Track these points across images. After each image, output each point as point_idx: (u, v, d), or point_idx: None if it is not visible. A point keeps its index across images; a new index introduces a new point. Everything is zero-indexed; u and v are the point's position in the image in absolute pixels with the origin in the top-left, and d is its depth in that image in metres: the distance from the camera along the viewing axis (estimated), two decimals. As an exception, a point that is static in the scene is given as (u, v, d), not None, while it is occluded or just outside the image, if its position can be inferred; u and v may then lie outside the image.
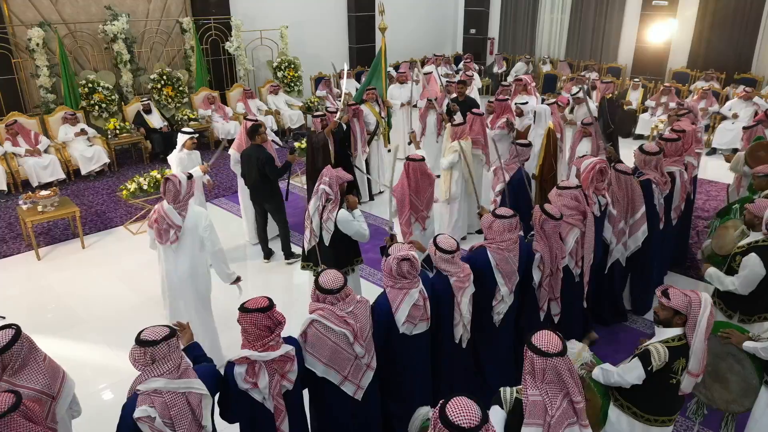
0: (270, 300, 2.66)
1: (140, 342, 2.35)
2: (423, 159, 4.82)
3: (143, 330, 2.40)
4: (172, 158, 5.72)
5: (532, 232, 3.85)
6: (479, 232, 3.81)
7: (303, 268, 4.52)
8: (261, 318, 2.59)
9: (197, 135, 5.68)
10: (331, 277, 2.89)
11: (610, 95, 9.10)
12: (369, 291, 5.38)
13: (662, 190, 4.74)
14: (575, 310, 4.26)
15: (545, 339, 2.34)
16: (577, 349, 3.32)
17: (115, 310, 5.22)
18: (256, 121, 6.14)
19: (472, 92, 9.60)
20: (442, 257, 3.28)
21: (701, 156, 5.96)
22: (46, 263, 6.15)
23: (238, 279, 4.17)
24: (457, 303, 3.31)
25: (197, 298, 4.23)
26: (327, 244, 4.16)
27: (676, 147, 5.13)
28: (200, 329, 4.25)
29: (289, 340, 2.78)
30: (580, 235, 4.00)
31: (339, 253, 4.22)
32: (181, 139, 5.69)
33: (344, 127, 6.91)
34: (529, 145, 5.48)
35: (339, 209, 4.11)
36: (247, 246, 6.58)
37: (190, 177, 4.08)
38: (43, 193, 6.26)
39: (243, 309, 2.61)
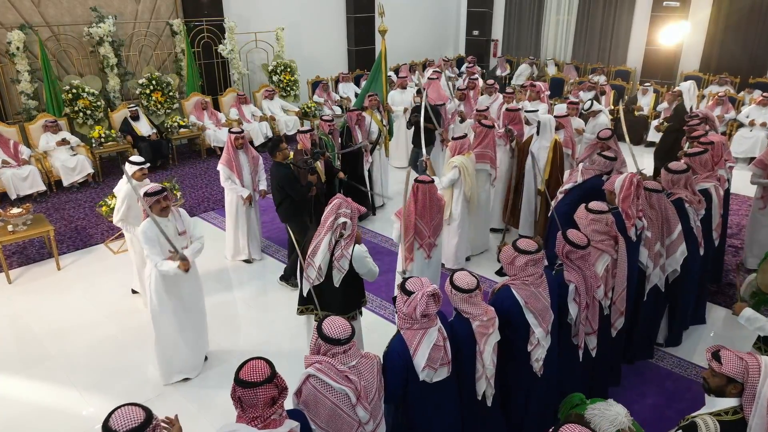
0: (270, 364, 2.21)
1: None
2: (432, 181, 4.36)
3: (112, 412, 1.96)
4: (119, 190, 5.02)
5: (559, 261, 3.39)
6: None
7: (301, 312, 3.90)
8: (267, 390, 2.15)
9: (147, 165, 5.06)
10: (337, 324, 2.45)
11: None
12: (375, 326, 4.92)
13: (697, 209, 4.28)
14: (605, 345, 3.81)
15: None
16: (615, 411, 2.86)
17: (88, 344, 4.74)
18: (241, 132, 5.79)
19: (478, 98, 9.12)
20: (459, 297, 2.82)
21: (733, 168, 5.49)
22: (16, 287, 5.66)
23: (182, 258, 3.87)
24: (479, 351, 2.85)
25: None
26: (336, 285, 3.57)
27: (705, 161, 4.66)
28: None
29: (293, 413, 2.34)
30: (610, 262, 3.55)
31: (348, 294, 3.67)
32: (129, 169, 4.89)
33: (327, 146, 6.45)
34: (615, 159, 4.99)
35: (354, 245, 3.58)
36: (233, 265, 6.12)
37: (155, 193, 3.85)
38: (14, 211, 5.76)
39: (244, 383, 2.14)
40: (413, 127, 7.57)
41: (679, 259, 4.19)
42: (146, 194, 3.82)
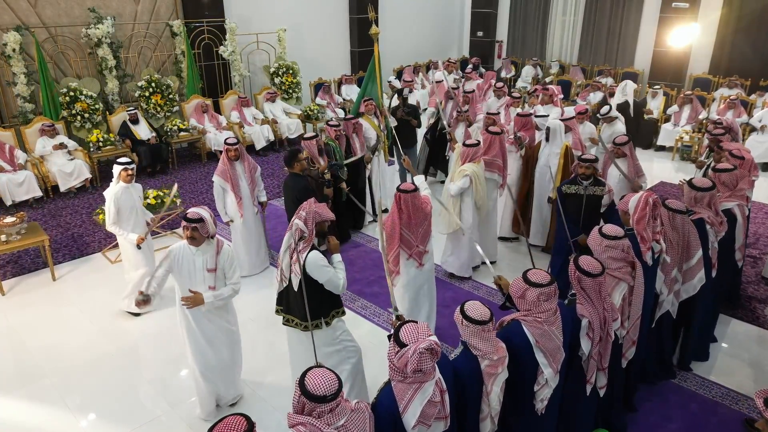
0: (250, 423, 1.97)
1: None
2: (416, 190, 4.12)
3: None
4: (107, 193, 4.94)
5: (573, 291, 3.15)
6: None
7: (277, 312, 3.77)
8: None
9: (133, 166, 4.96)
10: (320, 378, 2.16)
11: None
12: (368, 335, 4.70)
13: (717, 231, 4.05)
14: (617, 376, 3.59)
15: None
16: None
17: (83, 362, 4.53)
18: (237, 143, 5.53)
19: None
20: (471, 330, 2.57)
21: (754, 183, 5.23)
22: (10, 299, 5.46)
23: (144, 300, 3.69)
24: (486, 392, 2.61)
25: None
26: (296, 290, 3.45)
27: (725, 180, 4.38)
28: None
29: None
30: (627, 291, 3.32)
31: (311, 301, 3.44)
32: (116, 171, 4.89)
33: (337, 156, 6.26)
34: (593, 159, 4.85)
35: (310, 251, 3.40)
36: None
37: (192, 220, 3.58)
38: (8, 220, 5.55)
39: None
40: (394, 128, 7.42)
41: (697, 286, 3.95)
42: (184, 218, 3.58)
